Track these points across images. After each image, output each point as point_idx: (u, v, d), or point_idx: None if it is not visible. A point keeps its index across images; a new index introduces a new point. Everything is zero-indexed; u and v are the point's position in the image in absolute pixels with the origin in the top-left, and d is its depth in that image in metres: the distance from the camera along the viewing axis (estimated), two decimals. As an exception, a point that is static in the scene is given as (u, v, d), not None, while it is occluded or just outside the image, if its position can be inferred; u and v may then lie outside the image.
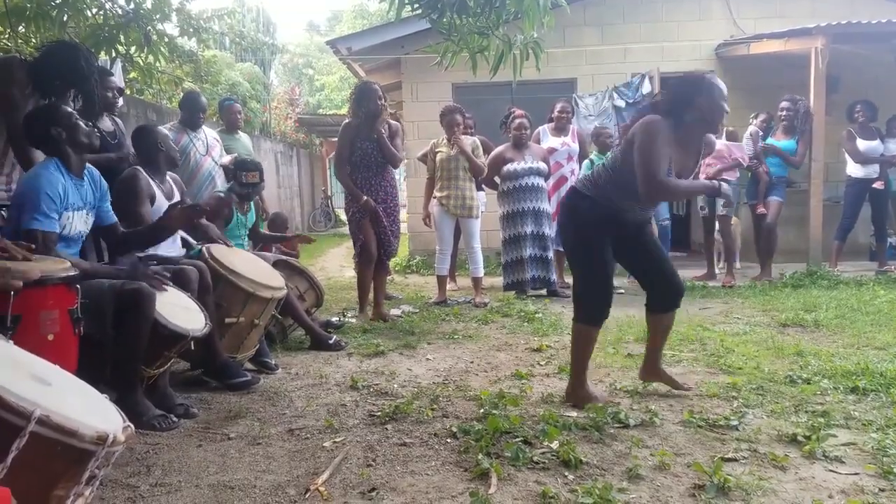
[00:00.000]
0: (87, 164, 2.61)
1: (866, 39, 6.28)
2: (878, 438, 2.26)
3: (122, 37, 4.27)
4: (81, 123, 2.50)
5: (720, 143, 5.92)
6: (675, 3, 7.55)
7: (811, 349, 3.50)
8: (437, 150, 5.22)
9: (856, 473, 2.03)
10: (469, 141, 5.19)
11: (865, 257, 6.88)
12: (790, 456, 2.15)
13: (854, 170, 6.17)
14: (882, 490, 1.91)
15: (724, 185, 2.78)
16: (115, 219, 2.73)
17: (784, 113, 5.95)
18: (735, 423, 2.43)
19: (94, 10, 4.34)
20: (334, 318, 4.46)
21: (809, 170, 6.15)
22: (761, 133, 6.10)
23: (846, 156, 6.20)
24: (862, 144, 6.08)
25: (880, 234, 6.32)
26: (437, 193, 5.21)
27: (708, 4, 7.51)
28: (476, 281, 5.29)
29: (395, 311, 4.84)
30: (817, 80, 6.04)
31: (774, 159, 5.97)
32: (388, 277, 6.10)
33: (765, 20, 7.12)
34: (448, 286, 6.04)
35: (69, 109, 2.53)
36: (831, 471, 2.05)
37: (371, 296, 4.69)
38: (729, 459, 2.13)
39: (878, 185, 6.07)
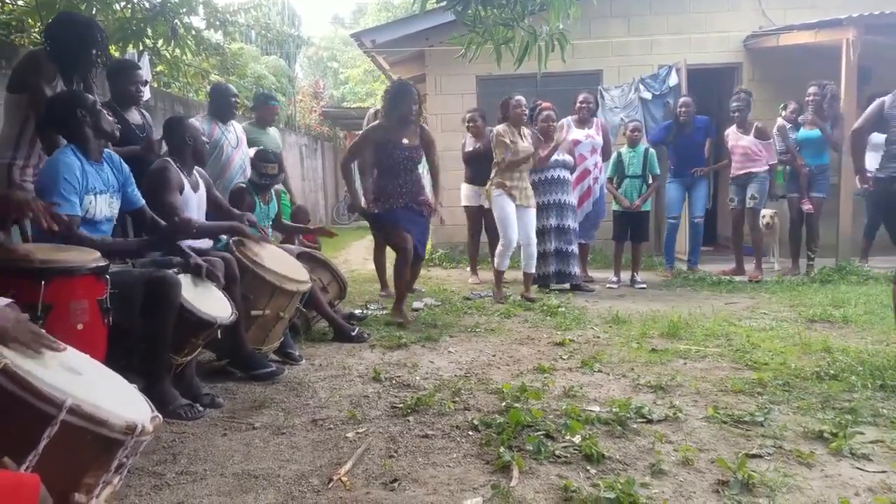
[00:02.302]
0: (108, 151, 2.67)
1: (899, 30, 6.09)
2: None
3: (149, 30, 4.31)
4: (104, 111, 2.56)
5: (746, 140, 5.82)
6: (702, -6, 7.41)
7: (839, 345, 3.43)
8: (503, 138, 4.93)
9: (883, 472, 1.99)
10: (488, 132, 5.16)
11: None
12: (816, 453, 2.11)
13: (871, 164, 6.00)
14: (911, 489, 1.87)
15: None
16: (143, 202, 2.78)
17: (811, 98, 5.80)
18: (760, 419, 2.40)
19: (122, 4, 4.40)
20: (357, 311, 4.50)
21: (840, 164, 6.00)
22: (789, 126, 5.97)
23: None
24: (878, 138, 5.90)
25: None
26: (506, 182, 4.95)
27: (736, -5, 7.35)
28: (528, 277, 5.13)
29: (417, 304, 4.86)
30: (849, 71, 5.88)
31: (808, 150, 5.82)
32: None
33: (794, 11, 6.95)
34: (470, 279, 6.04)
35: (89, 95, 2.59)
36: (858, 468, 2.02)
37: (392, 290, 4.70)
38: (753, 455, 2.10)
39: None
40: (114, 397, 1.44)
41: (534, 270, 5.17)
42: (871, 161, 5.99)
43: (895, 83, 6.27)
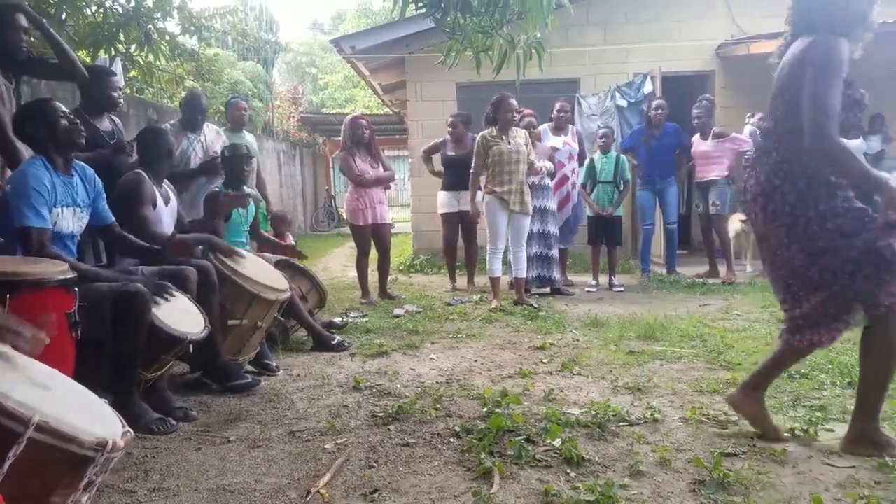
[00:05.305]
0: (81, 163, 2.61)
1: (863, 40, 6.25)
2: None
3: (121, 35, 4.25)
4: (64, 121, 2.46)
5: (706, 146, 5.93)
6: (676, 4, 7.52)
7: (813, 346, 3.49)
8: (490, 142, 4.94)
9: (852, 467, 2.03)
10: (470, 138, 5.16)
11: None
12: (788, 450, 2.15)
13: None
14: (878, 483, 1.92)
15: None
16: (112, 218, 2.72)
17: None
18: (735, 418, 2.43)
19: (94, 8, 4.33)
20: (337, 319, 4.46)
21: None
22: (759, 132, 6.08)
23: None
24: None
25: None
26: (495, 188, 4.91)
27: (709, 4, 7.47)
28: (519, 282, 5.12)
29: (398, 311, 4.84)
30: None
31: None
32: (392, 277, 6.13)
33: (765, 20, 7.07)
34: (449, 286, 6.02)
35: (56, 105, 2.50)
36: (828, 464, 2.06)
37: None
38: (729, 454, 2.14)
39: None
40: (83, 413, 1.40)
41: (525, 275, 5.18)
42: None
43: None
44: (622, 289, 5.73)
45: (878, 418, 2.14)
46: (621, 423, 2.44)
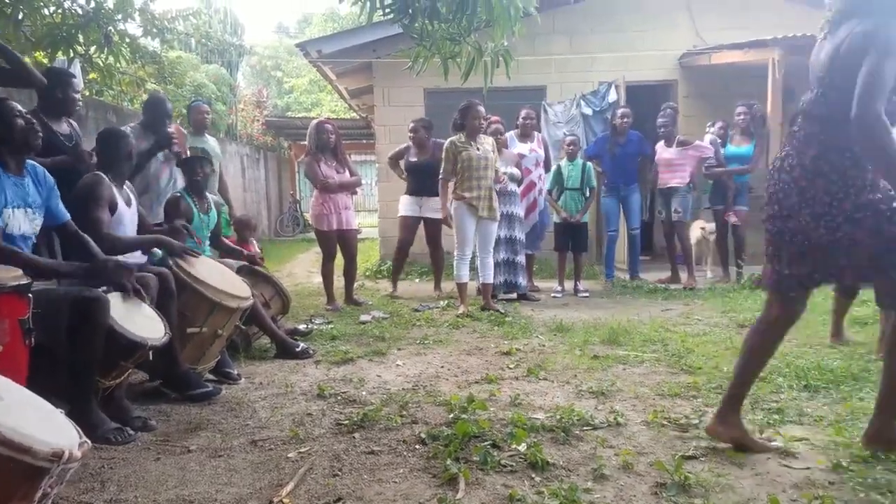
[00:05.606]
0: (32, 162, 2.53)
1: (820, 51, 6.50)
2: (828, 433, 2.34)
3: (81, 36, 4.15)
4: (21, 121, 2.40)
5: (669, 153, 6.07)
6: (640, 14, 7.69)
7: (770, 350, 3.59)
8: (459, 148, 4.95)
9: (808, 468, 2.09)
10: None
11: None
12: (747, 453, 2.20)
13: None
14: (832, 483, 1.98)
15: None
16: (68, 217, 2.65)
17: (741, 118, 6.13)
18: (695, 421, 2.50)
19: (52, 9, 4.22)
20: (302, 326, 4.41)
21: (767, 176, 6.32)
22: (719, 141, 6.27)
23: None
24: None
25: None
26: (465, 194, 4.94)
27: (672, 15, 7.66)
28: (486, 287, 5.13)
29: (365, 317, 4.82)
30: (774, 89, 6.23)
31: (734, 165, 6.13)
32: (358, 283, 6.09)
33: (727, 31, 7.31)
34: (389, 291, 5.95)
35: (12, 105, 2.43)
36: (785, 466, 2.12)
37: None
38: (689, 457, 2.18)
39: None
40: (38, 422, 1.37)
41: (492, 281, 5.21)
42: None
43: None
44: (587, 294, 5.82)
45: None
46: (585, 427, 2.47)
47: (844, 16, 2.11)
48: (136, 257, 3.10)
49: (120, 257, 2.89)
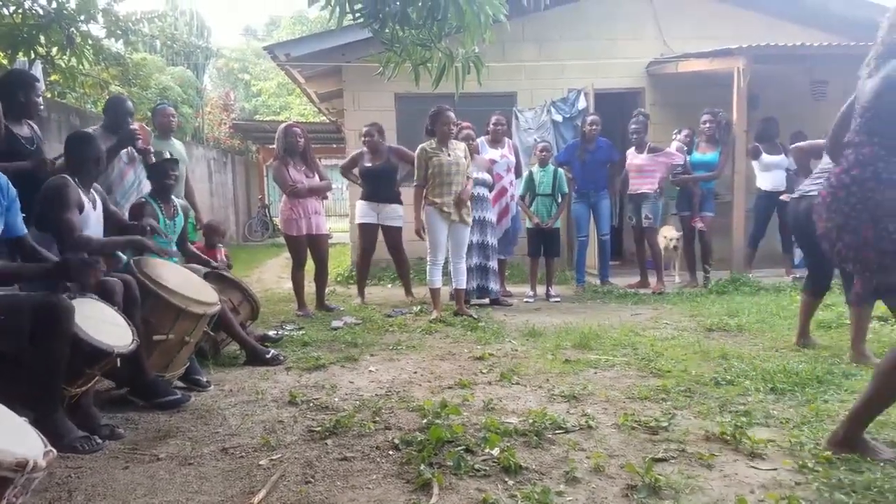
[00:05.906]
0: None
1: (783, 61, 6.73)
2: (794, 435, 2.40)
3: (42, 38, 4.05)
4: None
5: (640, 159, 6.19)
6: (609, 22, 7.84)
7: (734, 352, 3.69)
8: (430, 154, 4.96)
9: (775, 469, 2.14)
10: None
11: (783, 265, 7.31)
12: (716, 454, 2.25)
13: (763, 183, 6.55)
14: (798, 483, 2.03)
15: None
16: (25, 231, 2.57)
17: (706, 126, 6.28)
18: (665, 424, 2.54)
19: (13, 9, 4.10)
20: (272, 332, 4.35)
21: (733, 182, 6.50)
22: (686, 148, 6.41)
23: (755, 170, 6.58)
24: (767, 159, 6.47)
25: (786, 244, 6.73)
26: (435, 199, 4.93)
27: (640, 24, 7.83)
28: (459, 293, 5.14)
29: (336, 323, 4.78)
30: (739, 97, 6.41)
31: (700, 172, 6.28)
32: (329, 289, 6.03)
33: (693, 40, 7.50)
34: (355, 301, 5.86)
35: None
36: (753, 467, 2.17)
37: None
38: (659, 459, 2.21)
39: (784, 197, 6.46)
40: (1, 432, 1.32)
41: (465, 286, 5.21)
42: (764, 181, 6.56)
43: (780, 109, 7.02)
44: (559, 299, 5.88)
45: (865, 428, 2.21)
46: (557, 431, 2.50)
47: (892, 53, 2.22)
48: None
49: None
